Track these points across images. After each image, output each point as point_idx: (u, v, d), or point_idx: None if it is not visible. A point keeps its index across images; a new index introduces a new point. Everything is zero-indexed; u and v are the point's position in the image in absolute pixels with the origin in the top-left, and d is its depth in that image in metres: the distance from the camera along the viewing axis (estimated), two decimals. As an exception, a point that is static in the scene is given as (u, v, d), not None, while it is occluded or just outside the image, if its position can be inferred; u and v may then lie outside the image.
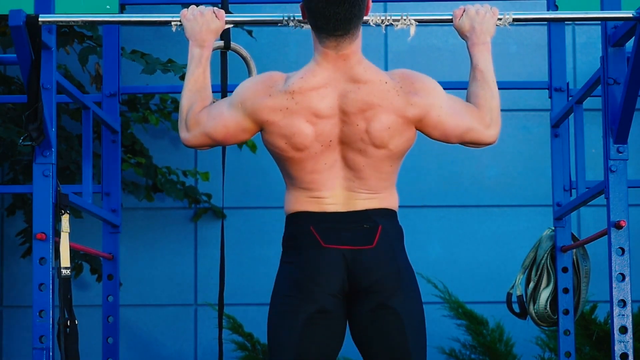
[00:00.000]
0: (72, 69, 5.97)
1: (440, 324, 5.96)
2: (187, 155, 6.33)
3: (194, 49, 3.03)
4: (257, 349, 5.79)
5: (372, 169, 2.87)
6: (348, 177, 2.88)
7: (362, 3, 2.82)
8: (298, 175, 2.88)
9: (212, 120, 2.92)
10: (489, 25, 3.07)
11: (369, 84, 2.85)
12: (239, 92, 2.91)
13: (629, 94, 3.43)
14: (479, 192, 6.37)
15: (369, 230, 2.86)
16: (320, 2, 2.79)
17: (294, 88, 2.84)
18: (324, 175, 2.87)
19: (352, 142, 2.85)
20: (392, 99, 2.85)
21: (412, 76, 2.92)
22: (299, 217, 2.88)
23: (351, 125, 2.84)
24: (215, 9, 3.09)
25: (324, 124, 2.84)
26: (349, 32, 2.83)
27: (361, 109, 2.83)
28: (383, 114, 2.84)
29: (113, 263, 4.44)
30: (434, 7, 4.53)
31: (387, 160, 2.89)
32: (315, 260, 2.83)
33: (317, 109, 2.83)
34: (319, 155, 2.85)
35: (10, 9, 3.31)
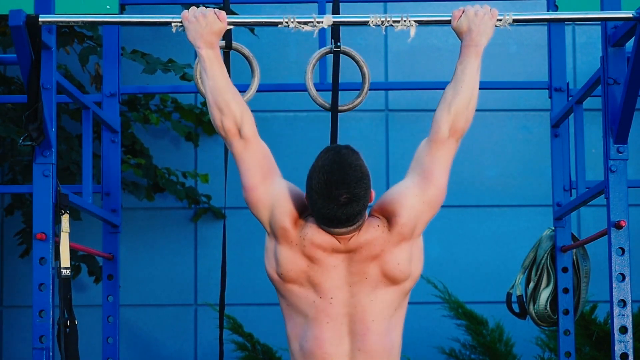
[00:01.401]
0: (72, 69, 5.97)
1: (440, 324, 5.97)
2: (187, 155, 6.34)
3: (207, 50, 3.00)
4: (257, 349, 5.79)
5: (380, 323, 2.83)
6: (352, 351, 2.84)
7: (365, 205, 2.80)
8: (301, 332, 2.85)
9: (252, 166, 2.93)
10: (487, 27, 3.06)
11: (369, 242, 2.85)
12: (285, 194, 2.88)
13: (629, 94, 3.43)
14: (479, 192, 6.37)
15: None
16: (323, 207, 2.77)
17: (309, 237, 2.85)
18: (327, 349, 2.83)
19: (360, 299, 2.84)
20: (388, 237, 2.85)
21: (385, 202, 2.89)
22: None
23: (360, 282, 2.84)
24: (216, 10, 3.09)
25: (324, 278, 2.84)
26: (352, 226, 2.82)
27: (368, 260, 2.83)
28: (391, 254, 2.84)
29: (113, 263, 4.44)
30: (434, 7, 4.53)
31: (397, 300, 2.86)
32: None
33: (320, 261, 2.84)
34: (319, 308, 2.83)
35: (10, 9, 3.31)
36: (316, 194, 2.76)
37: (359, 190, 2.76)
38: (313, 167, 2.80)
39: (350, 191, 2.75)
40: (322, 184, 2.75)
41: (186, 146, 6.33)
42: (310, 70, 3.60)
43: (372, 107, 6.25)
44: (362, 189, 2.76)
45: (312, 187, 2.77)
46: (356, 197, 2.75)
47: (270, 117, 6.33)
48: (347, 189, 2.75)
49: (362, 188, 2.76)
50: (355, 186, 2.75)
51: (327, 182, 2.74)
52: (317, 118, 6.29)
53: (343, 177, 2.75)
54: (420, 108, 6.33)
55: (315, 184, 2.76)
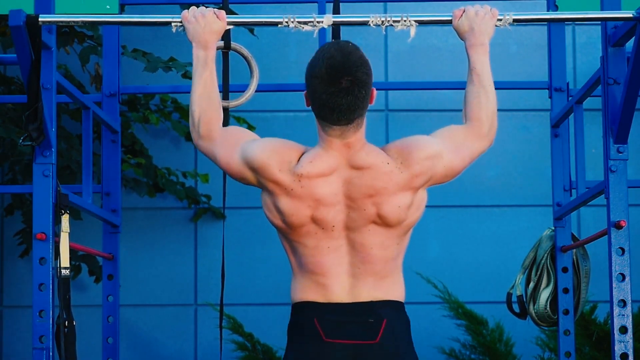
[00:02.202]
0: (72, 69, 5.97)
1: (440, 324, 5.97)
2: (187, 155, 6.34)
3: (198, 51, 3.02)
4: (257, 349, 5.79)
5: (380, 250, 2.84)
6: (353, 263, 2.85)
7: (366, 94, 2.79)
8: (302, 254, 2.86)
9: (221, 150, 2.92)
10: (488, 27, 3.07)
11: (372, 169, 2.83)
12: (256, 150, 2.87)
13: (629, 94, 3.43)
14: (479, 192, 6.37)
15: (373, 324, 2.82)
16: (324, 94, 2.75)
17: (302, 172, 2.82)
18: (328, 260, 2.84)
19: (359, 226, 2.83)
20: (397, 178, 2.83)
21: (407, 146, 2.88)
22: (303, 307, 2.86)
23: (358, 210, 2.82)
24: (215, 10, 3.09)
25: (326, 211, 2.82)
26: (353, 122, 2.82)
27: (368, 194, 2.82)
28: (391, 196, 2.82)
29: (113, 263, 4.44)
30: (434, 7, 4.53)
31: (396, 237, 2.86)
32: (315, 354, 2.81)
33: (320, 196, 2.82)
34: (321, 237, 2.84)
35: (10, 9, 3.31)
36: (317, 80, 2.75)
37: (361, 74, 2.75)
38: (313, 58, 2.80)
39: (352, 75, 2.74)
40: (324, 69, 2.74)
41: (186, 146, 6.33)
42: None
43: (372, 107, 6.22)
44: (364, 74, 2.76)
45: (314, 75, 2.76)
46: (358, 81, 2.75)
47: (270, 117, 6.33)
48: (349, 73, 2.74)
49: (364, 73, 2.76)
50: (357, 70, 2.75)
51: (329, 66, 2.74)
52: (317, 118, 6.28)
53: (345, 62, 2.74)
54: (420, 108, 6.33)
55: (317, 70, 2.75)
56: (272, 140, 2.91)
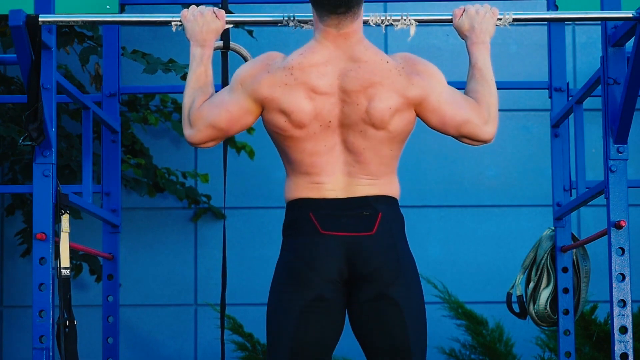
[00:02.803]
0: (72, 69, 5.97)
1: (440, 324, 5.96)
2: (187, 155, 6.33)
3: (195, 49, 3.03)
4: (257, 349, 5.79)
5: (372, 152, 2.86)
6: (348, 162, 2.86)
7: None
8: (298, 158, 2.87)
9: (214, 109, 2.91)
10: (489, 25, 3.07)
11: (370, 63, 2.84)
12: (238, 74, 2.91)
13: (629, 94, 3.43)
14: (479, 192, 6.36)
15: (368, 217, 2.84)
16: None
17: (292, 64, 2.84)
18: (324, 159, 2.85)
19: (352, 124, 2.84)
20: (394, 77, 2.84)
21: (414, 58, 2.91)
22: (298, 203, 2.87)
23: (351, 104, 2.83)
24: (215, 9, 3.10)
25: (323, 102, 2.83)
26: (350, 10, 2.82)
27: (362, 86, 2.82)
28: (384, 92, 2.83)
29: (113, 263, 4.44)
30: (434, 7, 4.53)
31: (387, 143, 2.87)
32: (313, 247, 2.82)
33: (316, 86, 2.82)
34: (319, 136, 2.84)
35: (10, 9, 3.31)
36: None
37: None
38: None
39: None
40: None
41: (186, 146, 6.33)
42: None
43: (372, 107, 6.25)
44: None
45: None
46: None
47: (270, 117, 6.33)
48: None
49: None
50: None
51: None
52: (317, 118, 6.28)
53: None
54: (420, 108, 6.32)
55: None
56: (246, 62, 2.94)
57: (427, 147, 6.26)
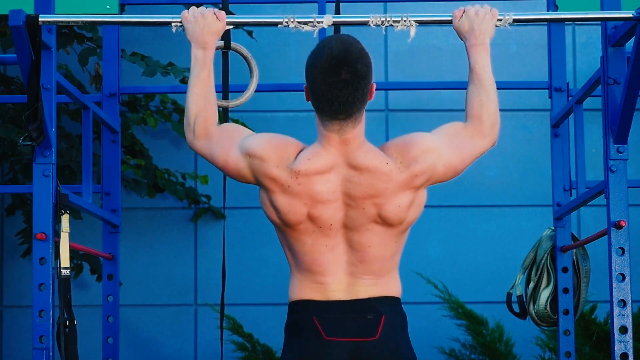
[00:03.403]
0: (72, 69, 5.97)
1: (440, 324, 5.97)
2: (187, 156, 6.33)
3: (196, 51, 3.02)
4: (257, 349, 5.79)
5: (378, 249, 2.84)
6: (351, 262, 2.85)
7: (365, 87, 2.78)
8: (299, 251, 2.86)
9: (218, 148, 2.91)
10: (488, 26, 3.06)
11: (372, 170, 2.82)
12: (253, 145, 2.86)
13: (629, 94, 3.43)
14: (479, 192, 6.37)
15: (372, 320, 2.82)
16: (323, 84, 2.74)
17: (299, 169, 2.81)
18: (326, 258, 2.84)
19: (358, 225, 2.83)
20: (397, 178, 2.82)
21: (407, 144, 2.87)
22: (302, 305, 2.86)
23: (357, 208, 2.82)
24: (215, 10, 3.09)
25: (324, 208, 2.81)
26: (351, 116, 2.80)
27: (368, 194, 2.81)
28: (392, 196, 2.81)
29: (113, 263, 4.44)
30: (434, 7, 4.53)
31: (395, 236, 2.85)
32: (316, 353, 2.81)
33: (318, 194, 2.81)
34: (319, 236, 2.83)
35: (10, 9, 3.31)
36: (317, 70, 2.75)
37: (361, 66, 2.75)
38: (314, 49, 2.79)
39: (352, 66, 2.74)
40: (325, 59, 2.73)
41: (186, 147, 6.33)
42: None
43: (372, 107, 6.23)
44: (364, 66, 2.75)
45: (314, 65, 2.75)
46: (358, 73, 2.74)
47: (270, 117, 6.33)
48: (349, 65, 2.74)
49: (364, 65, 2.76)
50: (357, 62, 2.74)
51: (330, 57, 2.73)
52: (317, 118, 6.28)
53: (346, 53, 2.74)
54: (420, 108, 6.33)
55: (318, 61, 2.75)
56: (269, 135, 2.89)
57: (427, 147, 6.25)
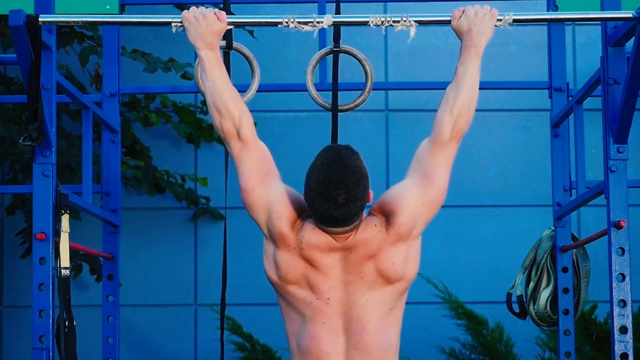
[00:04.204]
0: (72, 69, 5.97)
1: (440, 324, 5.97)
2: (187, 157, 6.33)
3: (207, 52, 3.00)
4: (256, 349, 5.79)
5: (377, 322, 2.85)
6: (348, 349, 2.86)
7: (362, 206, 2.80)
8: (299, 327, 2.87)
9: (249, 169, 2.91)
10: (486, 27, 3.05)
11: (365, 241, 2.85)
12: (278, 200, 2.89)
13: (629, 94, 3.43)
14: (479, 192, 6.37)
15: None
16: (320, 207, 2.77)
17: (307, 239, 2.85)
18: (324, 340, 2.85)
19: (357, 298, 2.85)
20: (385, 237, 2.85)
21: (384, 201, 2.89)
22: None
23: (356, 280, 2.85)
24: (216, 11, 3.09)
25: (322, 279, 2.85)
26: (349, 225, 2.83)
27: (365, 258, 2.84)
28: (385, 254, 2.84)
29: (113, 263, 4.44)
30: (434, 7, 4.53)
31: (392, 300, 2.87)
32: None
33: (318, 263, 2.85)
34: (316, 310, 2.85)
35: (10, 9, 3.31)
36: (314, 193, 2.77)
37: (357, 191, 2.77)
38: (312, 166, 2.81)
39: (348, 192, 2.76)
40: (321, 183, 2.75)
41: (186, 148, 6.33)
42: (310, 72, 3.60)
43: (372, 107, 6.25)
44: (361, 190, 2.77)
45: (311, 186, 2.78)
46: (354, 198, 2.76)
47: (270, 117, 6.33)
48: (345, 190, 2.75)
49: (360, 189, 2.77)
50: (353, 187, 2.76)
51: (326, 181, 2.75)
52: (317, 118, 6.29)
53: (342, 178, 2.76)
54: (420, 108, 6.33)
55: (314, 183, 2.77)
56: (292, 194, 2.90)
57: (427, 147, 6.25)
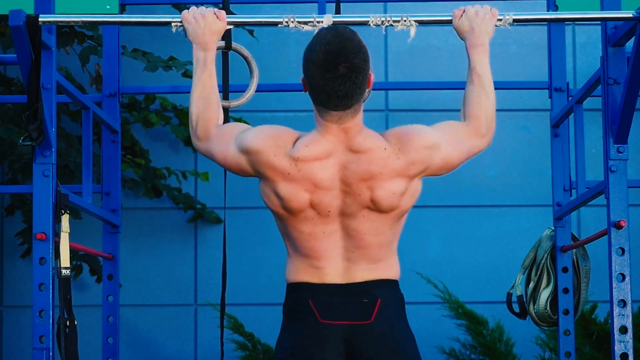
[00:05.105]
0: (72, 70, 5.96)
1: (440, 324, 5.97)
2: (186, 158, 6.33)
3: (198, 52, 3.03)
4: (257, 348, 5.80)
5: (374, 236, 2.85)
6: (348, 248, 2.86)
7: (363, 80, 2.79)
8: (297, 238, 2.87)
9: (217, 146, 2.94)
10: (488, 26, 3.07)
11: (369, 153, 2.83)
12: (249, 138, 2.89)
13: (629, 94, 3.43)
14: (479, 192, 6.36)
15: (367, 304, 2.84)
16: (321, 79, 2.76)
17: (298, 155, 2.83)
18: (323, 244, 2.85)
19: (354, 212, 2.84)
20: (393, 163, 2.83)
21: (407, 133, 2.88)
22: (298, 288, 2.87)
23: (353, 194, 2.83)
24: (216, 10, 3.09)
25: (323, 194, 2.83)
26: (350, 107, 2.81)
27: (363, 178, 2.82)
28: (386, 181, 2.83)
29: (113, 263, 4.44)
30: (434, 7, 4.53)
31: (389, 224, 2.87)
32: (311, 336, 2.83)
33: (318, 180, 2.83)
34: (317, 222, 2.85)
35: (10, 9, 3.31)
36: (315, 66, 2.77)
37: (358, 60, 2.76)
38: (310, 43, 2.82)
39: (349, 61, 2.75)
40: (321, 54, 2.76)
41: (185, 150, 6.33)
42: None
43: (372, 107, 6.25)
44: (361, 60, 2.77)
45: (311, 60, 2.78)
46: (355, 67, 2.75)
47: (270, 117, 6.33)
48: (346, 59, 2.75)
49: (361, 59, 2.77)
50: (354, 56, 2.76)
51: (327, 52, 2.75)
52: (317, 118, 6.28)
53: (342, 48, 2.76)
54: (420, 108, 6.33)
55: (314, 56, 2.77)
56: (265, 126, 2.93)
57: (427, 147, 6.25)
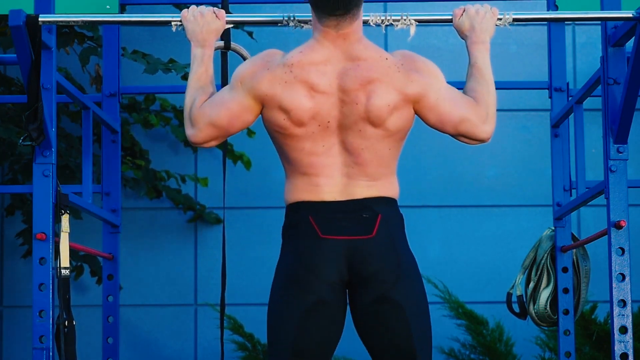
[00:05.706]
0: (72, 70, 5.96)
1: (440, 324, 5.96)
2: (186, 159, 6.33)
3: (195, 49, 3.05)
4: (257, 349, 5.79)
5: (371, 153, 2.86)
6: (347, 163, 2.87)
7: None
8: (296, 158, 2.87)
9: (215, 108, 2.92)
10: (489, 25, 3.08)
11: (369, 60, 2.85)
12: (237, 72, 2.92)
13: (629, 94, 3.43)
14: (479, 192, 6.36)
15: (368, 219, 2.84)
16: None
17: (292, 61, 2.85)
18: (322, 160, 2.86)
19: (351, 124, 2.84)
20: (393, 75, 2.85)
21: (414, 56, 2.93)
22: (298, 207, 2.88)
23: (350, 103, 2.83)
24: (215, 9, 3.11)
25: (323, 101, 2.83)
26: (349, 12, 2.83)
27: (361, 84, 2.83)
28: (382, 89, 2.84)
29: (113, 263, 4.44)
30: (434, 7, 4.53)
31: (385, 142, 2.87)
32: (312, 251, 2.82)
33: (315, 84, 2.83)
34: (317, 136, 2.84)
35: (10, 9, 3.31)
36: None
37: None
38: None
39: None
40: None
41: (185, 151, 6.33)
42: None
43: (372, 107, 6.25)
44: None
45: None
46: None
47: (270, 117, 6.33)
48: None
49: None
50: None
51: None
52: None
53: None
54: (420, 108, 6.32)
55: None
56: (248, 59, 2.96)
57: (427, 147, 6.26)
